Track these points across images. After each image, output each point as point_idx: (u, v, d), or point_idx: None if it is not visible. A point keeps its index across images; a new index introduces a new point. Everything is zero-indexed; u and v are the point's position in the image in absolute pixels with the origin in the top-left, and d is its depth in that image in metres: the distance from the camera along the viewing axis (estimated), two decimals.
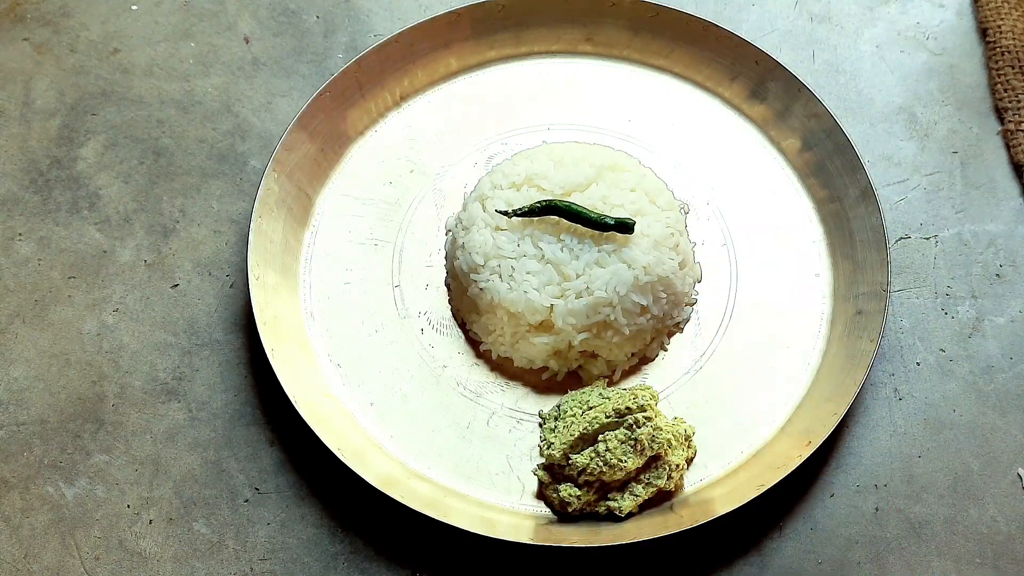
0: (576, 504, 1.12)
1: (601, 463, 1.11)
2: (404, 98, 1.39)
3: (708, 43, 1.39)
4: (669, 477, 1.13)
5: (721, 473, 1.16)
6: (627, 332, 1.20)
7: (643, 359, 1.24)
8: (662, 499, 1.14)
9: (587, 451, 1.12)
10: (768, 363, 1.23)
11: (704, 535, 1.11)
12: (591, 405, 1.15)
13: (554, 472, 1.15)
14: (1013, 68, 1.42)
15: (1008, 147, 1.38)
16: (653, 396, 1.16)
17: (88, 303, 1.29)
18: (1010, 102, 1.40)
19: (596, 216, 1.19)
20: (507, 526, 1.11)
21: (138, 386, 1.24)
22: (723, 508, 1.10)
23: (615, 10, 1.41)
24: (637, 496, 1.12)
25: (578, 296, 1.18)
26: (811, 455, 1.12)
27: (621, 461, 1.10)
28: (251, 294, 1.20)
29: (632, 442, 1.11)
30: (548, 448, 1.14)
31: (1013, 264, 1.31)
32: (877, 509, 1.17)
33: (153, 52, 1.46)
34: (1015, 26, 1.44)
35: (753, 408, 1.20)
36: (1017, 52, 1.42)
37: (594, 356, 1.22)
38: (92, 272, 1.31)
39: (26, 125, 1.40)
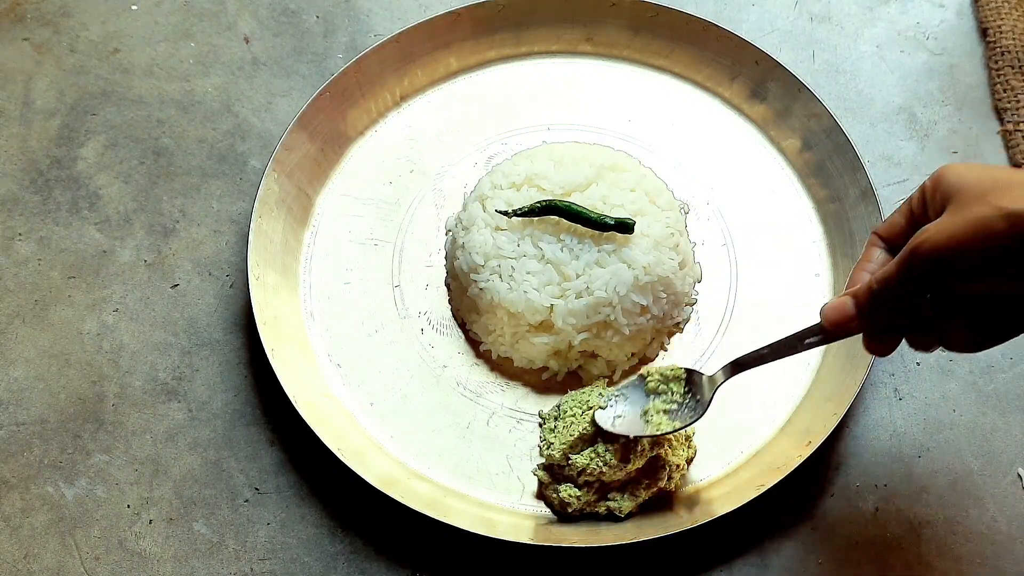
0: (576, 504, 1.12)
1: (601, 463, 1.11)
2: (404, 98, 1.39)
3: (708, 43, 1.39)
4: (669, 477, 1.13)
5: (721, 473, 1.16)
6: (627, 332, 1.19)
7: (643, 359, 1.24)
8: (662, 499, 1.14)
9: (587, 451, 1.12)
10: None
11: (704, 535, 1.11)
12: (591, 405, 1.15)
13: (554, 472, 1.15)
14: (1013, 68, 1.42)
15: (1008, 147, 1.38)
16: None
17: (88, 303, 1.28)
18: (1010, 102, 1.40)
19: (596, 216, 1.18)
20: (507, 526, 1.11)
21: (138, 386, 1.24)
22: (723, 508, 1.10)
23: (615, 10, 1.41)
24: (637, 496, 1.12)
25: (578, 296, 1.18)
26: (811, 455, 1.12)
27: (621, 461, 1.10)
28: (251, 294, 1.20)
29: (632, 442, 1.11)
30: (548, 448, 1.14)
31: None
32: (877, 509, 1.17)
33: (153, 52, 1.46)
34: (1015, 26, 1.44)
35: (753, 408, 1.20)
36: (1017, 52, 1.42)
37: (594, 356, 1.22)
38: (92, 272, 1.30)
39: (26, 125, 1.40)
